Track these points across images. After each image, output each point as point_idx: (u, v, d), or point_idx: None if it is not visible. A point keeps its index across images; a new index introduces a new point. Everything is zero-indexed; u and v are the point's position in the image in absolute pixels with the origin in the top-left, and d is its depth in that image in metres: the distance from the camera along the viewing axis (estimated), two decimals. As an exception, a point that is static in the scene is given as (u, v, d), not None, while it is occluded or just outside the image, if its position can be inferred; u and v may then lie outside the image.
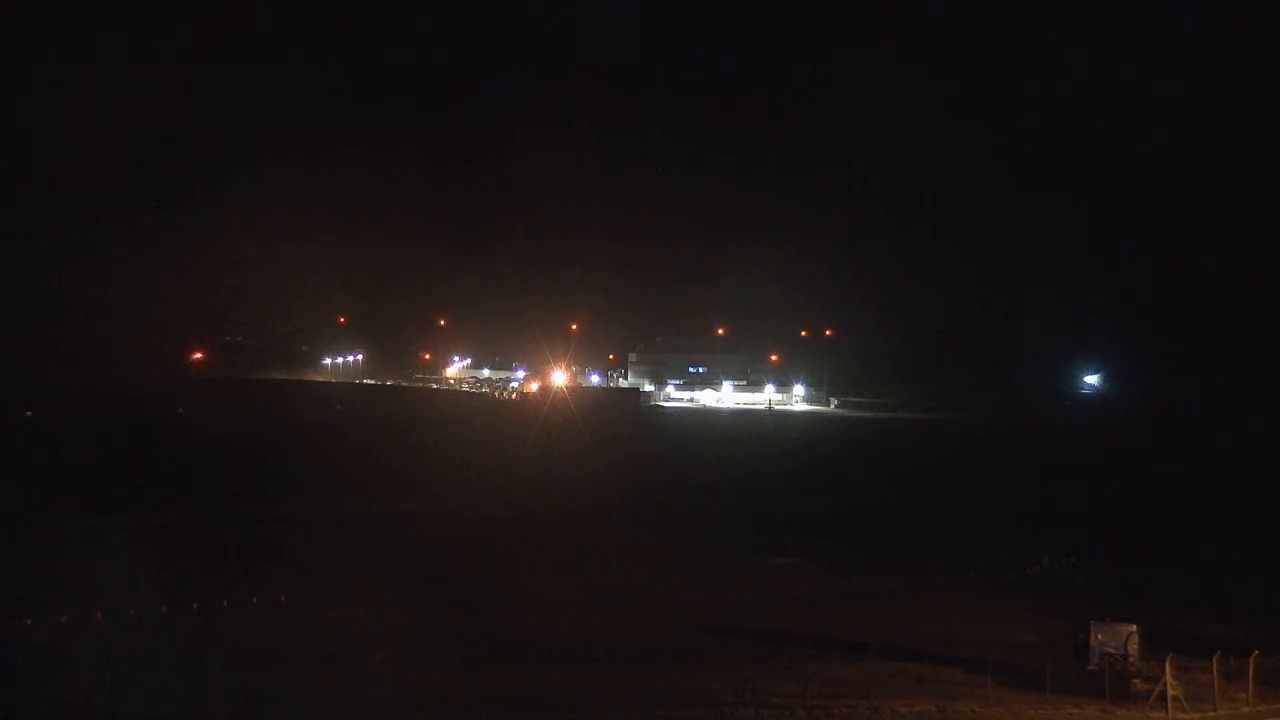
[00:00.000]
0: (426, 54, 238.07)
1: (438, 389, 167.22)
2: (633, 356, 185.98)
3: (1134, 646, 34.23)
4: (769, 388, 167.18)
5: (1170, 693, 32.32)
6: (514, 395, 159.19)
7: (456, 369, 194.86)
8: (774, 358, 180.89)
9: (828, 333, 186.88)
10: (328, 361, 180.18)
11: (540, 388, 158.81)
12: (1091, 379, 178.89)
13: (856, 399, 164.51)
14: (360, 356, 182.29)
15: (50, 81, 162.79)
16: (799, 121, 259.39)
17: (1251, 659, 33.15)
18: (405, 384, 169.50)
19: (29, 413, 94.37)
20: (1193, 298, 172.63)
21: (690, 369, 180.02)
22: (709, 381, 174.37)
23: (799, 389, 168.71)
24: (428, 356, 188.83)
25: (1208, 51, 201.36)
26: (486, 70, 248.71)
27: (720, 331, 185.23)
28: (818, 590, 48.50)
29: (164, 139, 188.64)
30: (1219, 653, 33.14)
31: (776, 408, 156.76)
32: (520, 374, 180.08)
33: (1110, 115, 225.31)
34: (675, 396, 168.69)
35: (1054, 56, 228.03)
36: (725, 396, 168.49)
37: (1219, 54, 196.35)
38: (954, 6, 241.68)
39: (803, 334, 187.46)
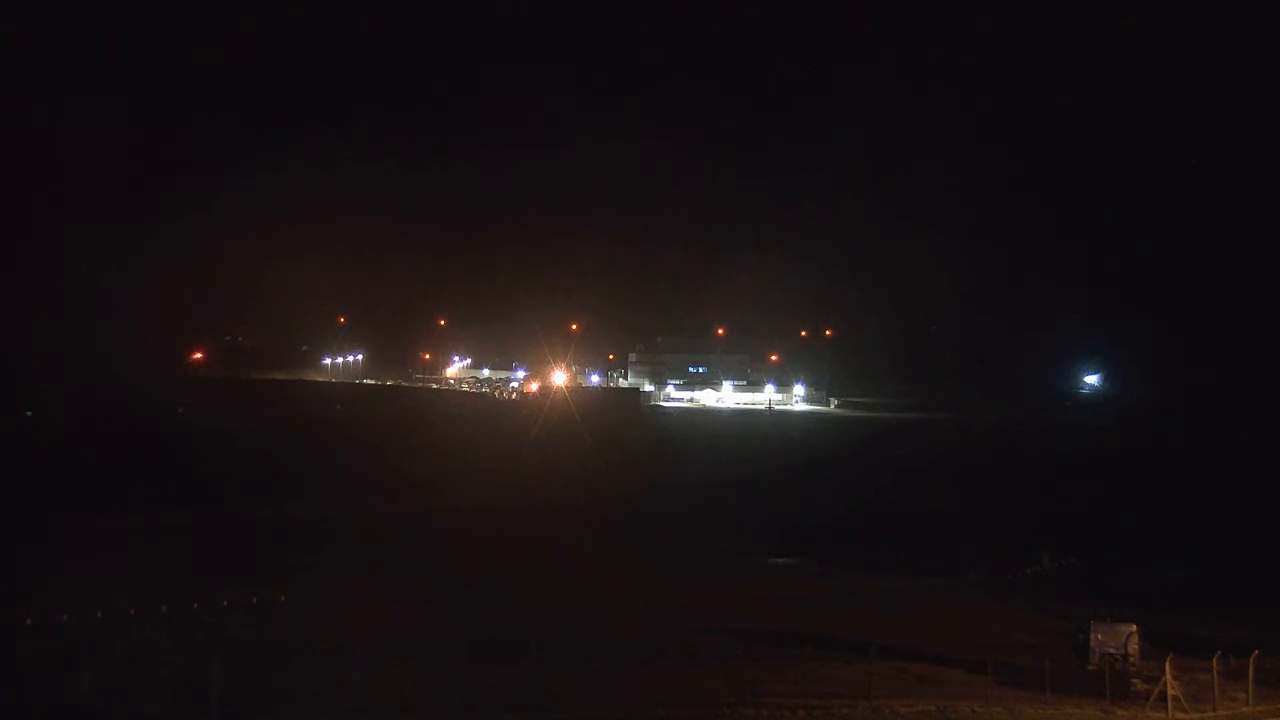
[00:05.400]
0: (427, 55, 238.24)
1: (438, 389, 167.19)
2: (633, 356, 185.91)
3: (1134, 646, 34.20)
4: (769, 388, 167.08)
5: (1170, 693, 32.32)
6: (514, 395, 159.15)
7: (456, 369, 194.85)
8: (774, 358, 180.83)
9: (828, 333, 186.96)
10: (328, 361, 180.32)
11: (540, 388, 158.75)
12: (1091, 378, 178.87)
13: (857, 399, 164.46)
14: (360, 356, 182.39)
15: (52, 81, 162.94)
16: (799, 122, 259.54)
17: (1251, 659, 33.14)
18: (405, 384, 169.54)
19: (29, 413, 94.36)
20: (1193, 296, 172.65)
21: (690, 369, 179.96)
22: (709, 381, 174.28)
23: (799, 389, 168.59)
24: (428, 356, 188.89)
25: (1208, 51, 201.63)
26: (487, 72, 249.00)
27: (720, 331, 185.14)
28: (818, 590, 48.51)
29: (165, 139, 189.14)
30: (1219, 653, 33.12)
31: (776, 408, 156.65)
32: (520, 374, 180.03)
33: (1110, 114, 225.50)
34: (675, 396, 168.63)
35: (1053, 55, 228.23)
36: (725, 396, 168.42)
37: (1219, 54, 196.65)
38: (953, 7, 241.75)
39: (803, 334, 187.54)
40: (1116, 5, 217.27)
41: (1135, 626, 34.70)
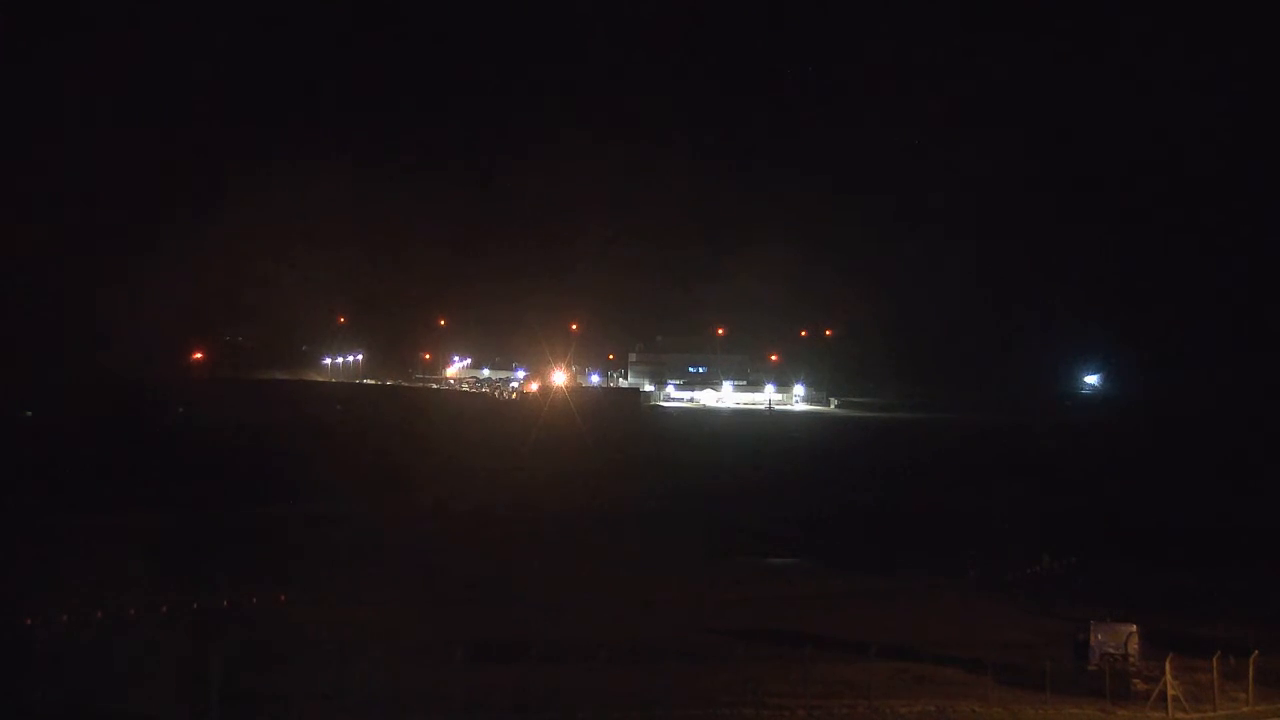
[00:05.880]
0: (428, 54, 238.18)
1: (438, 389, 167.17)
2: (633, 356, 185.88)
3: (1134, 646, 34.20)
4: (769, 388, 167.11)
5: (1170, 693, 32.31)
6: (514, 395, 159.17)
7: (456, 369, 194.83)
8: (774, 358, 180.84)
9: (828, 333, 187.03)
10: (328, 361, 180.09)
11: (540, 388, 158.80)
12: (1091, 378, 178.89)
13: (856, 399, 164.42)
14: (360, 356, 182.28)
15: (51, 81, 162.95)
16: (799, 121, 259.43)
17: (1251, 659, 33.14)
18: (405, 384, 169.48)
19: (29, 413, 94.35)
20: (1193, 296, 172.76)
21: (690, 369, 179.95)
22: (709, 381, 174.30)
23: (799, 389, 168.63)
24: (428, 356, 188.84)
25: (1207, 51, 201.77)
26: (488, 70, 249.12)
27: (720, 331, 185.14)
28: (817, 590, 48.52)
29: (164, 138, 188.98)
30: (1219, 653, 33.13)
31: (776, 408, 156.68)
32: (520, 374, 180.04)
33: (1110, 113, 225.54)
34: (675, 396, 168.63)
35: (1052, 55, 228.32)
36: (725, 396, 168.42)
37: (1217, 54, 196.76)
38: (953, 6, 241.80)
39: (803, 334, 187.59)
40: (1116, 4, 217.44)
41: (1135, 626, 34.70)
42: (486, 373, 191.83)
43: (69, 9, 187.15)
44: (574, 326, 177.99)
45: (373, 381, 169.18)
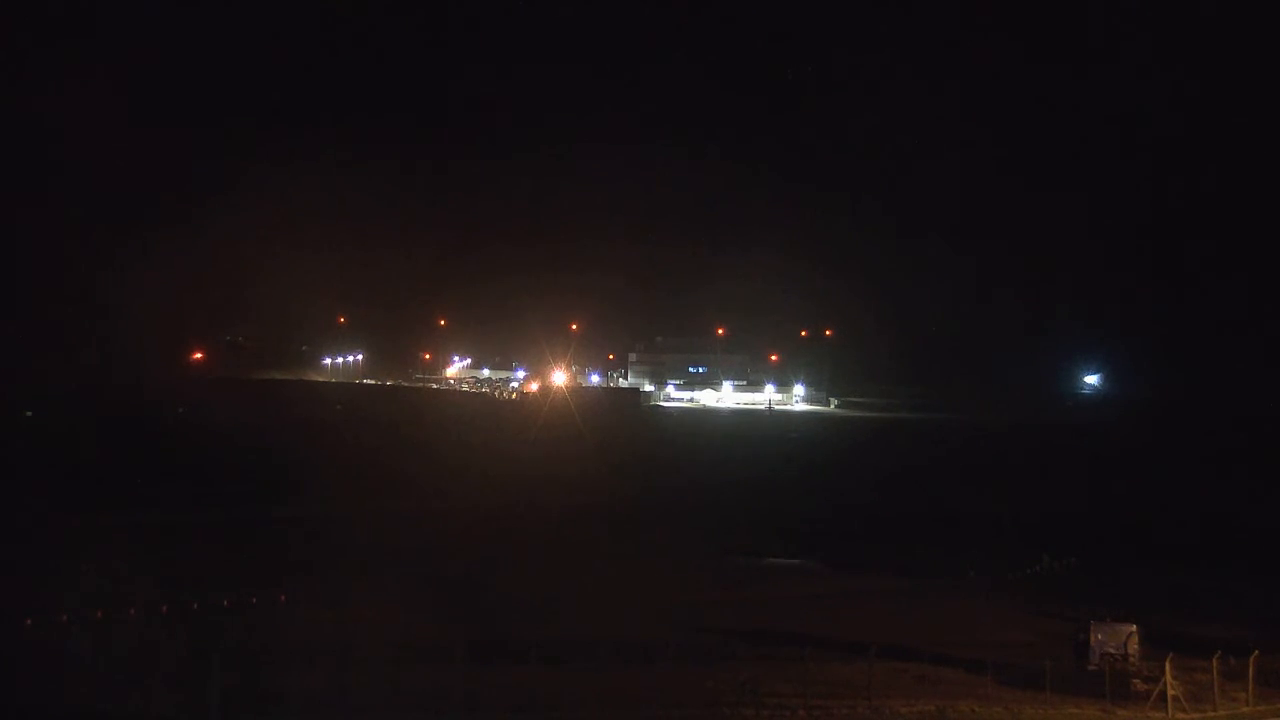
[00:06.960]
0: (428, 54, 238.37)
1: (438, 389, 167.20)
2: (633, 356, 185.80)
3: (1134, 646, 34.24)
4: (769, 388, 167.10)
5: (1170, 693, 32.33)
6: (514, 395, 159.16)
7: (456, 369, 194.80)
8: (774, 358, 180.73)
9: (828, 333, 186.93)
10: (328, 361, 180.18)
11: (540, 388, 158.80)
12: (1092, 378, 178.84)
13: (856, 399, 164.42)
14: (360, 356, 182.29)
15: (51, 80, 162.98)
16: (799, 121, 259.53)
17: (1251, 659, 33.14)
18: (405, 384, 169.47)
19: (29, 413, 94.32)
20: (1193, 296, 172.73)
21: (690, 369, 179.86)
22: (709, 381, 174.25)
23: (799, 389, 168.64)
24: (428, 356, 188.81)
25: (1207, 51, 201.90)
26: (488, 70, 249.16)
27: (720, 331, 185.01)
28: (818, 590, 48.54)
29: (165, 138, 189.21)
30: (1219, 653, 33.13)
31: (776, 408, 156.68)
32: (520, 374, 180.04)
33: (1109, 113, 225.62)
34: (675, 396, 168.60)
35: (1052, 56, 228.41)
36: (725, 396, 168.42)
37: (1218, 55, 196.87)
38: (954, 7, 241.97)
39: (803, 334, 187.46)
40: (1119, 6, 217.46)
41: (1135, 626, 34.73)
42: (486, 373, 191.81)
43: (69, 7, 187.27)
44: (574, 326, 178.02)
45: (372, 382, 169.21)
